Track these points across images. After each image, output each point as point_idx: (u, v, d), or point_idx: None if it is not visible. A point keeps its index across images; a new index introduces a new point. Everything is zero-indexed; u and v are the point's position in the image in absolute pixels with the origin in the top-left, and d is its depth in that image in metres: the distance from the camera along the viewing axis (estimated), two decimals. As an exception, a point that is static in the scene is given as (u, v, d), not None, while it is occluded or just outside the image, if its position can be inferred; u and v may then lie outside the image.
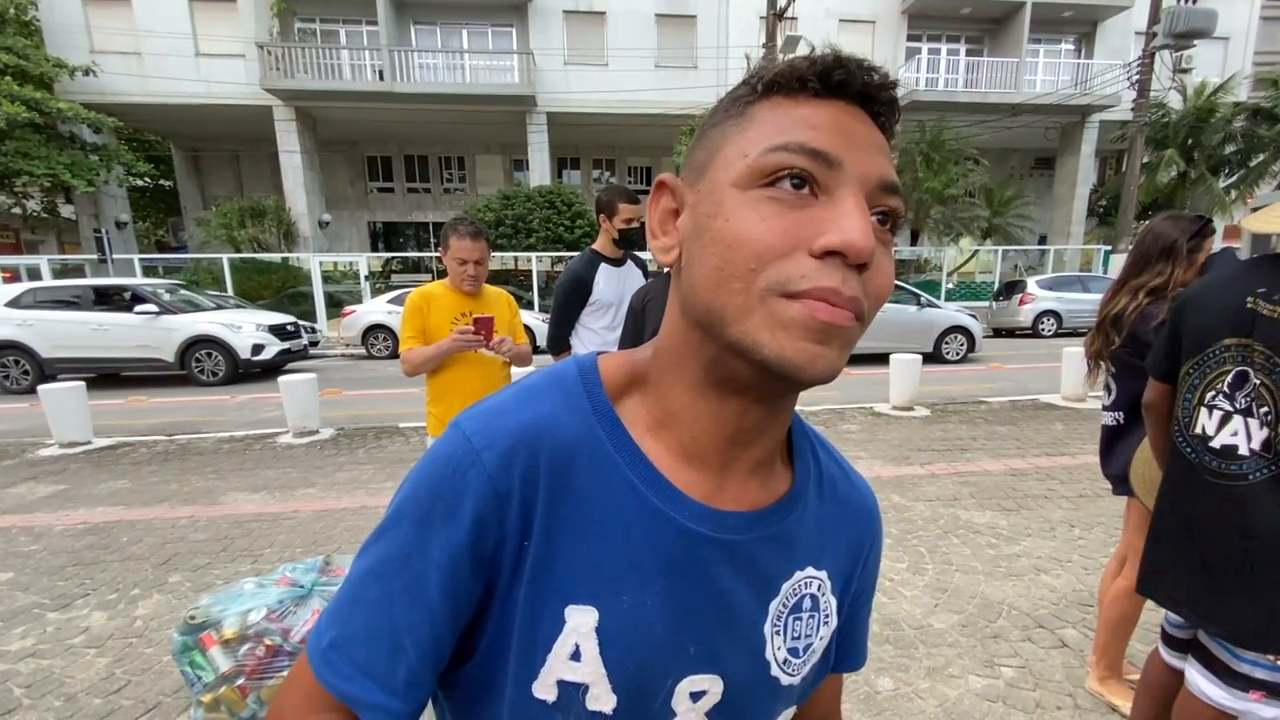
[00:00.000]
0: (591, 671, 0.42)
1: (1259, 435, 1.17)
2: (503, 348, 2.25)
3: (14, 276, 13.43)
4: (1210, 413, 1.26)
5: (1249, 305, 1.18)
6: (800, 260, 0.37)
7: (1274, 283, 1.16)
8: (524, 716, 0.43)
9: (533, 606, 0.42)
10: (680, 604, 0.44)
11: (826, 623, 0.52)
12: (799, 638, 0.50)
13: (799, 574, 0.49)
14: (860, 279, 0.38)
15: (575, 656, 0.42)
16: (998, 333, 13.86)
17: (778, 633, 0.48)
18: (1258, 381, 1.17)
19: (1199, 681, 1.28)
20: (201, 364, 8.67)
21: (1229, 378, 1.22)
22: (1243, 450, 1.20)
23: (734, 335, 0.39)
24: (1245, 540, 1.19)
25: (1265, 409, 1.16)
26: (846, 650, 0.58)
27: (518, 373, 2.68)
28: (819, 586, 0.51)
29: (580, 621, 0.42)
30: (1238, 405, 1.21)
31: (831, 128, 0.39)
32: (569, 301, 2.45)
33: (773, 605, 0.48)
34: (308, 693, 0.44)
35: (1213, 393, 1.25)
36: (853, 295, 0.37)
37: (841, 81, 0.40)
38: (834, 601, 0.53)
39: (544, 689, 0.42)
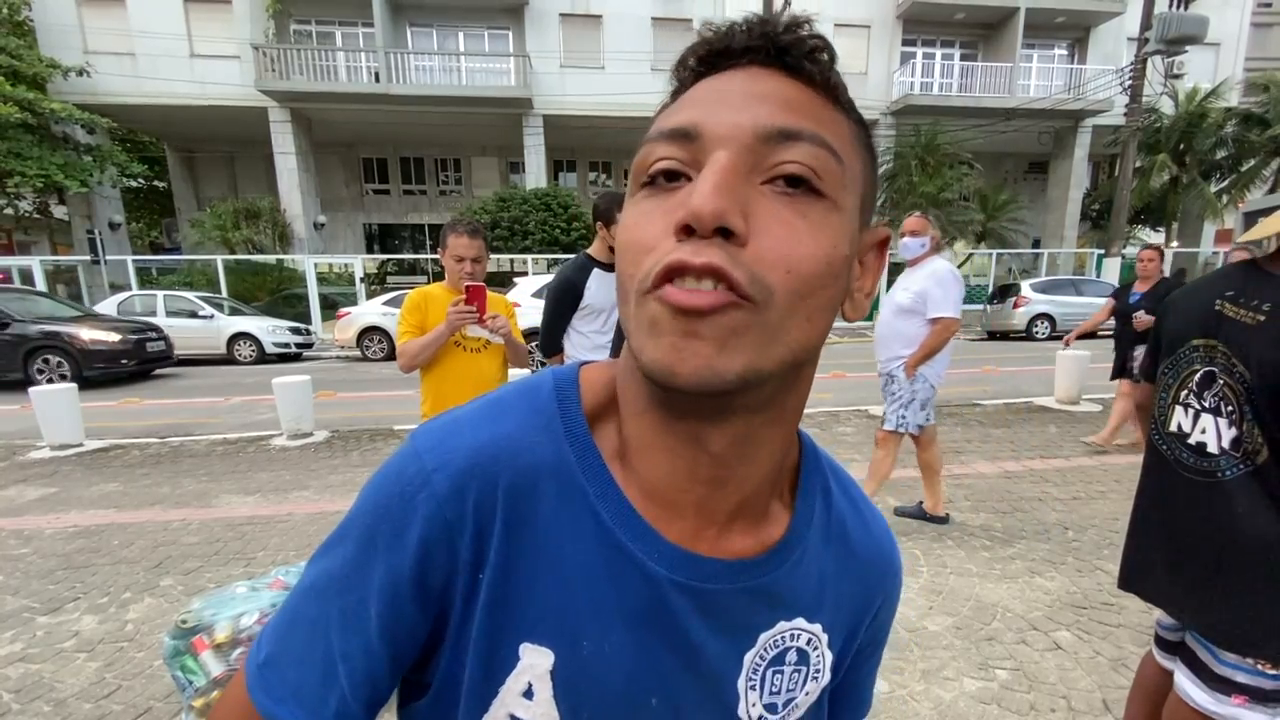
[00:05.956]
0: (544, 713, 0.39)
1: (1228, 434, 1.20)
2: (496, 324, 2.23)
3: (5, 277, 13.34)
4: (1185, 410, 1.29)
5: (1216, 307, 1.22)
6: (664, 247, 0.33)
7: (1242, 287, 1.19)
8: None
9: (487, 641, 0.39)
10: (643, 653, 0.40)
11: (815, 678, 0.47)
12: (778, 692, 0.45)
13: (784, 624, 0.44)
14: (731, 248, 0.32)
15: (528, 695, 0.39)
16: (992, 335, 13.93)
17: (753, 688, 0.44)
18: (1223, 381, 1.20)
19: (1185, 685, 1.29)
20: None
21: (1197, 377, 1.26)
22: (1212, 448, 1.22)
23: (632, 347, 0.36)
24: (1219, 537, 1.21)
25: (1231, 408, 1.19)
26: (850, 700, 0.54)
27: (516, 374, 2.68)
28: (809, 641, 0.46)
29: (535, 662, 0.39)
30: (1206, 404, 1.24)
31: (700, 100, 0.35)
32: (560, 306, 2.45)
33: (748, 657, 0.43)
34: (242, 706, 0.41)
35: (1185, 391, 1.29)
36: (707, 262, 0.31)
37: (721, 51, 0.36)
38: (829, 657, 0.47)
39: None
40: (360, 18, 16.82)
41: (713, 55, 0.37)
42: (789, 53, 0.36)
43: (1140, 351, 4.20)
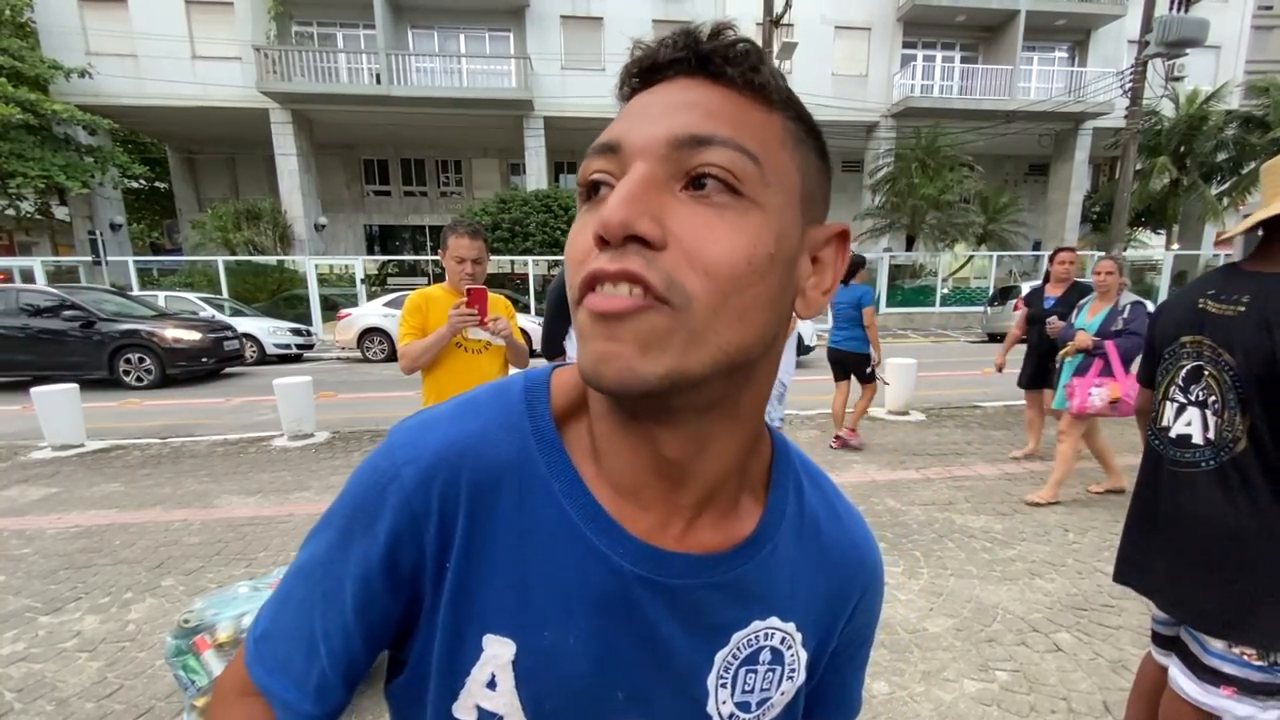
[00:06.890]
0: (507, 703, 0.41)
1: (1212, 424, 1.26)
2: (497, 326, 2.24)
3: (7, 278, 13.37)
4: (1171, 405, 1.35)
5: (1200, 305, 1.30)
6: (591, 257, 0.35)
7: (1223, 285, 1.29)
8: None
9: (453, 630, 0.41)
10: (608, 647, 0.41)
11: (790, 678, 0.47)
12: (751, 691, 0.45)
13: (757, 624, 0.45)
14: (649, 253, 0.33)
15: (491, 685, 0.41)
16: (992, 338, 13.92)
17: (724, 685, 0.44)
18: (1209, 373, 1.27)
19: (1179, 678, 1.32)
20: None
21: (1184, 371, 1.33)
22: (1197, 439, 1.29)
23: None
24: (1202, 528, 1.26)
25: (1215, 399, 1.25)
26: (838, 700, 0.54)
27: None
28: (783, 640, 0.46)
29: (497, 652, 0.40)
30: (1192, 397, 1.30)
31: (628, 114, 0.37)
32: (560, 308, 2.45)
33: (720, 655, 0.44)
34: (242, 676, 0.45)
35: (1173, 387, 1.35)
36: (621, 267, 0.33)
37: (650, 66, 0.38)
38: (803, 656, 0.47)
39: (463, 710, 0.41)
40: (361, 19, 16.86)
41: (644, 71, 0.38)
42: (710, 60, 0.36)
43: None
